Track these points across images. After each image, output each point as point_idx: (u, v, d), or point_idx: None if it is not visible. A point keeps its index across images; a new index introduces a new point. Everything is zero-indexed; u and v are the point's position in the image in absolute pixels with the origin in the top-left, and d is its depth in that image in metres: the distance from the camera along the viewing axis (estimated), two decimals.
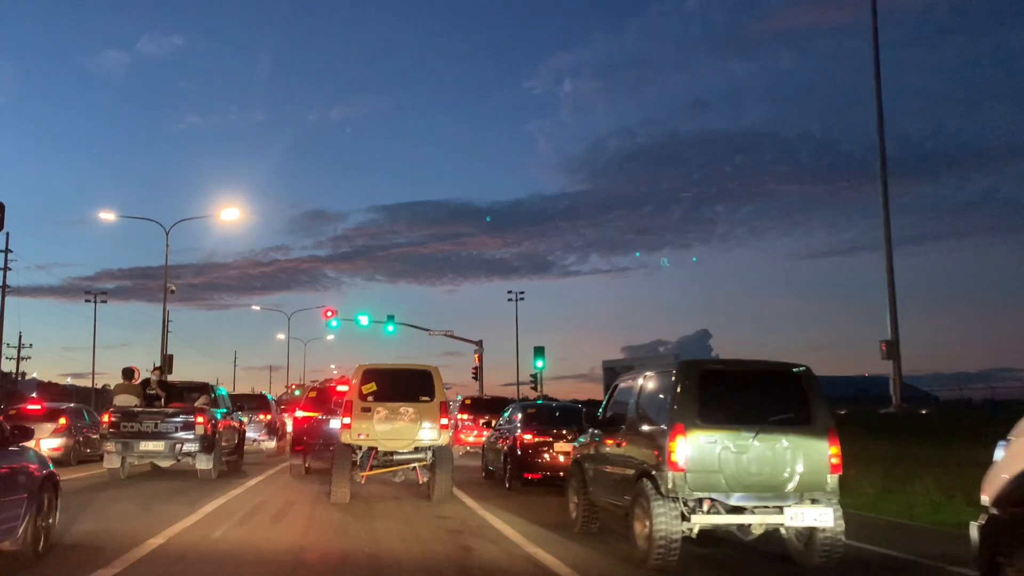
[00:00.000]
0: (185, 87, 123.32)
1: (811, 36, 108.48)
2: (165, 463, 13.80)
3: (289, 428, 20.08)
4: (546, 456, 13.01)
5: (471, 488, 12.97)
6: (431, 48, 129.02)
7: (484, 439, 17.37)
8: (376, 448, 11.25)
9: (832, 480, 6.78)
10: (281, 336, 65.72)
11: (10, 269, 44.62)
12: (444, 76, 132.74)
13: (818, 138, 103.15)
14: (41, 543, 6.45)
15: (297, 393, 37.68)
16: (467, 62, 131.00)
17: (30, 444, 6.73)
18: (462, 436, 21.87)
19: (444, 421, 11.26)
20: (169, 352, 37.11)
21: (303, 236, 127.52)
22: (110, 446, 13.23)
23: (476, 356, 40.28)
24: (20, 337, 55.03)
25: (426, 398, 11.26)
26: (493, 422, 15.94)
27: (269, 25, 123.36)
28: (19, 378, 57.51)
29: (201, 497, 10.75)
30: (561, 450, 12.87)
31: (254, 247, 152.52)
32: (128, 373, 14.42)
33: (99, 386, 59.61)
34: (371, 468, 11.28)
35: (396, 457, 11.40)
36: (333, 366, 70.39)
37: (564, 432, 13.09)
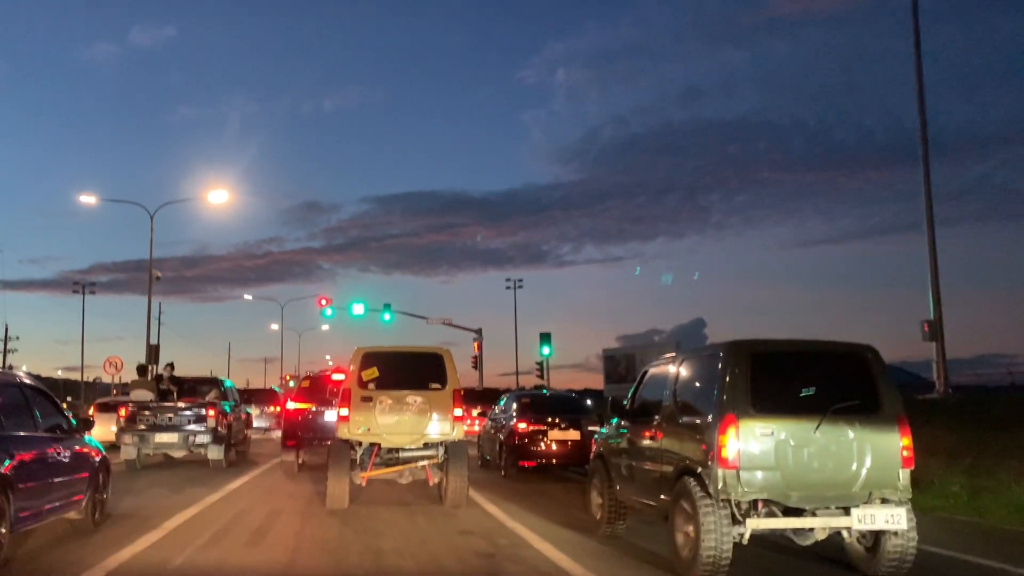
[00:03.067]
0: (177, 78, 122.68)
1: (804, 25, 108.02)
2: (178, 454, 14.65)
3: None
4: (541, 445, 13.51)
5: (474, 481, 11.98)
6: (424, 38, 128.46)
7: (479, 428, 18.13)
8: (379, 444, 9.86)
9: (904, 476, 5.96)
10: (275, 327, 64.82)
11: None
12: (437, 66, 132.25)
13: (811, 126, 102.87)
14: (98, 514, 7.89)
15: (292, 384, 36.89)
16: (460, 52, 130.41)
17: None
18: None
19: (458, 412, 9.83)
20: (160, 344, 36.35)
21: (297, 227, 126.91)
22: (127, 438, 14.02)
23: (476, 344, 39.54)
24: (6, 330, 54.30)
25: (437, 385, 9.87)
26: (487, 412, 16.70)
27: (261, 16, 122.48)
28: (8, 371, 56.68)
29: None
30: (555, 438, 13.52)
31: (248, 239, 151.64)
32: (142, 369, 15.72)
33: (90, 379, 58.82)
34: (373, 467, 9.90)
35: (402, 454, 9.98)
36: (328, 356, 69.51)
37: (558, 421, 13.64)
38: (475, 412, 32.39)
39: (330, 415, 12.82)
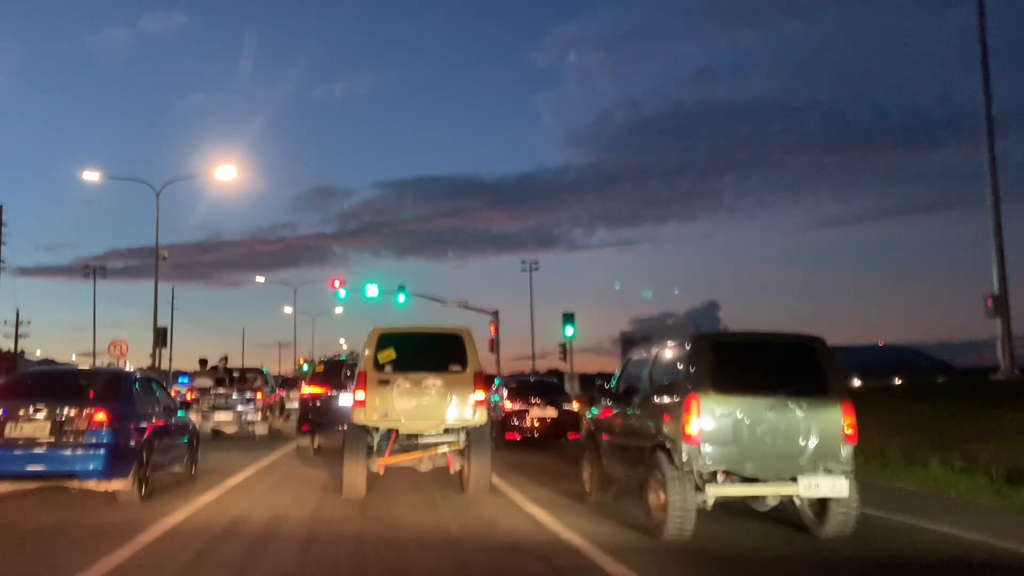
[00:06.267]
0: (188, 64, 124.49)
1: (817, 4, 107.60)
2: (231, 430, 18.77)
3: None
4: (525, 422, 16.78)
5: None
6: (435, 23, 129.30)
7: None
8: (396, 430, 9.71)
9: (847, 450, 7.05)
10: (289, 311, 66.28)
11: (4, 244, 45.50)
12: (448, 50, 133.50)
13: (825, 107, 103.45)
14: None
15: (306, 368, 38.25)
16: (471, 36, 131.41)
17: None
18: None
19: (479, 396, 9.63)
20: (174, 329, 37.82)
21: (310, 213, 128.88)
22: (192, 417, 17.79)
23: (492, 326, 40.06)
24: (18, 315, 56.21)
25: (457, 367, 9.69)
26: None
27: (271, 2, 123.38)
28: (19, 355, 58.50)
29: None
30: (535, 416, 16.80)
31: (261, 225, 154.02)
32: (203, 362, 20.45)
33: (105, 364, 60.50)
34: (391, 454, 9.76)
35: (421, 440, 9.82)
36: (342, 340, 71.03)
37: (538, 401, 17.02)
38: None
39: (344, 399, 13.64)
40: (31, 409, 8.37)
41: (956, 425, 13.06)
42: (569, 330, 34.51)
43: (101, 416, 8.39)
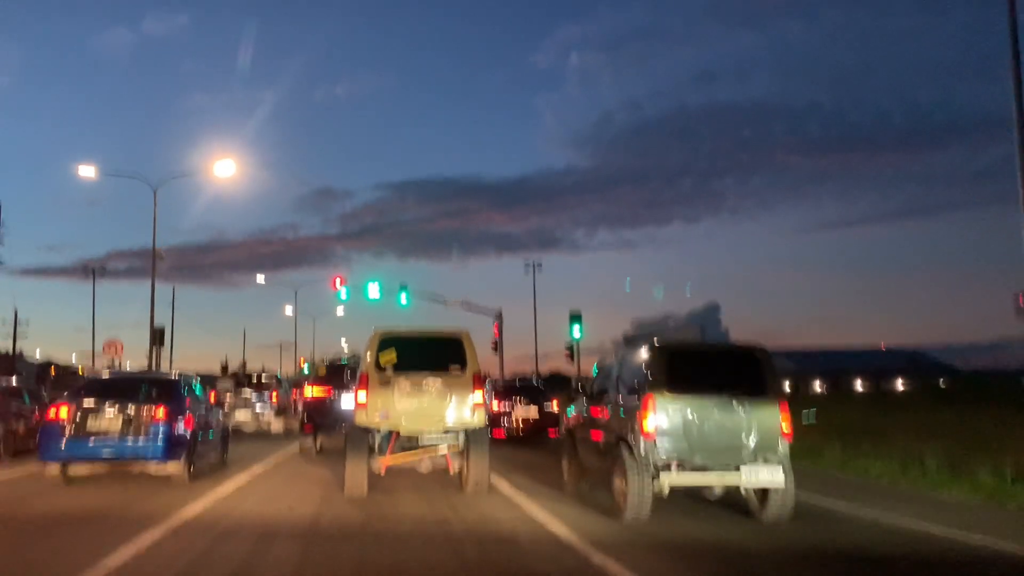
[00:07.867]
0: (190, 66, 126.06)
1: (819, 6, 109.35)
2: (250, 427, 21.60)
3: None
4: (510, 420, 19.19)
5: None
6: (436, 23, 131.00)
7: None
8: (397, 431, 10.10)
9: (783, 445, 8.26)
10: (289, 311, 67.29)
11: (2, 244, 46.85)
12: (449, 51, 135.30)
13: (827, 109, 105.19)
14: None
15: (306, 369, 39.42)
16: (472, 36, 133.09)
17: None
18: None
19: (478, 397, 10.02)
20: (174, 329, 38.95)
21: (311, 214, 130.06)
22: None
23: (495, 327, 40.70)
24: (16, 314, 57.31)
25: (457, 369, 10.08)
26: None
27: (272, 3, 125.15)
28: (18, 356, 59.67)
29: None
30: (519, 415, 19.26)
31: (262, 226, 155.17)
32: (224, 368, 24.90)
33: (104, 365, 61.63)
34: (391, 454, 10.11)
35: (421, 441, 10.17)
36: (344, 341, 72.06)
37: (520, 400, 19.54)
38: None
39: (346, 401, 14.27)
40: (106, 407, 10.62)
41: (995, 430, 12.84)
42: (576, 331, 33.04)
43: (160, 413, 10.60)
